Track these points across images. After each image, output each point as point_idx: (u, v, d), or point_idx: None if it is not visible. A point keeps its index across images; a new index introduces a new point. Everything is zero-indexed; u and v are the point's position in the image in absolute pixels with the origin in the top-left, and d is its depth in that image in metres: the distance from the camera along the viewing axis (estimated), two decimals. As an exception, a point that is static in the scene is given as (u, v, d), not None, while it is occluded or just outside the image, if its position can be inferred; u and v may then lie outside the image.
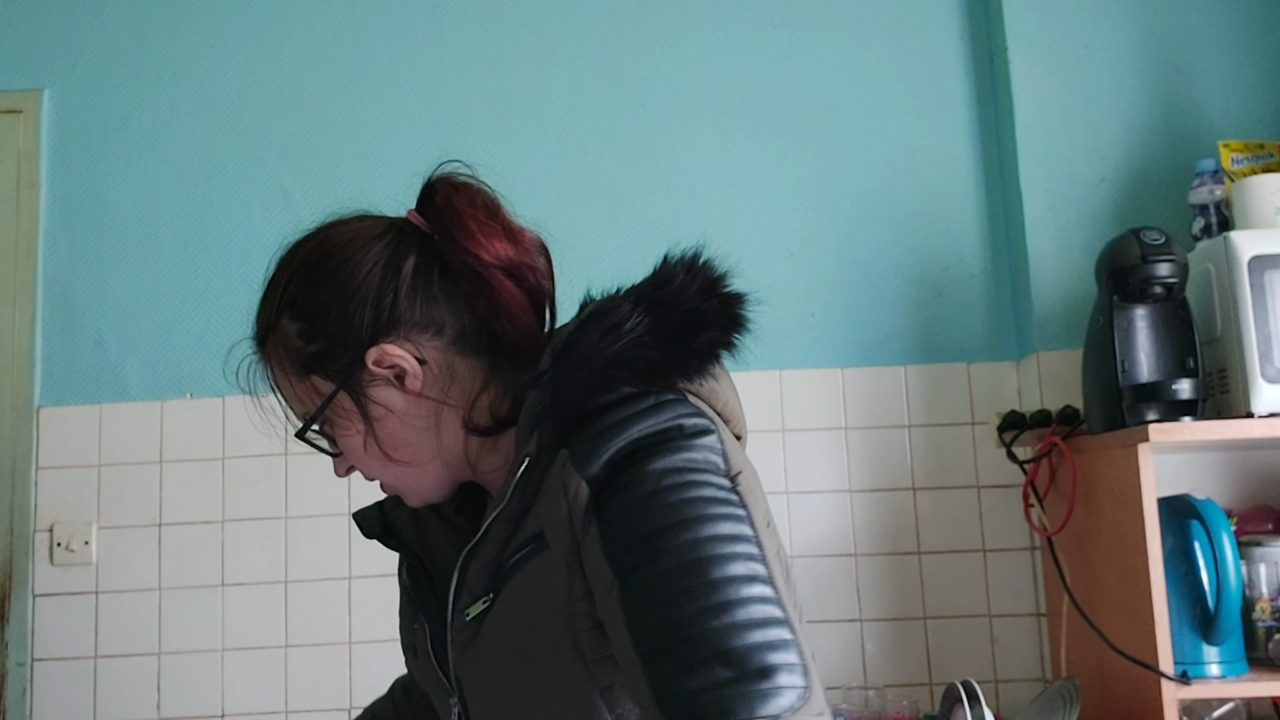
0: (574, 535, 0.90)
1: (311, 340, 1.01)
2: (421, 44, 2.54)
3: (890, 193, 2.46)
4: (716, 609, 0.81)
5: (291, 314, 1.02)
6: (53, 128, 2.52)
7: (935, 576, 2.34)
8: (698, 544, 0.84)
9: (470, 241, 1.01)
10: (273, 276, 1.05)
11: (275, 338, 1.03)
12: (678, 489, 0.87)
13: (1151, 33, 2.38)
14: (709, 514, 0.85)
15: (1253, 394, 1.88)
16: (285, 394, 1.06)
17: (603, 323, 0.95)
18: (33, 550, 2.37)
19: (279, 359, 1.03)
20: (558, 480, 0.92)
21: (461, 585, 1.01)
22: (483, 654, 0.98)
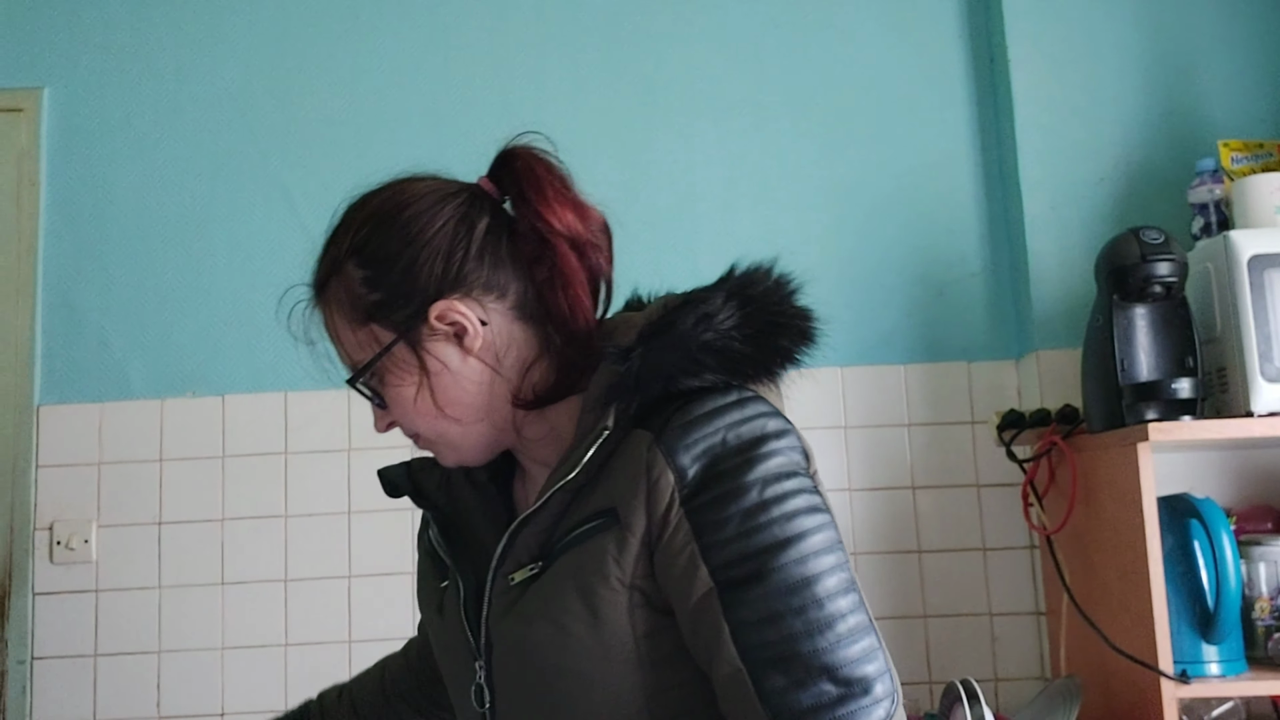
0: (652, 520, 0.93)
1: (375, 288, 1.03)
2: (423, 42, 2.54)
3: (891, 192, 2.46)
4: (822, 625, 0.88)
5: (358, 260, 1.04)
6: (53, 126, 2.52)
7: (935, 575, 2.34)
8: (802, 561, 0.90)
9: (544, 207, 1.03)
10: (340, 222, 1.08)
11: (338, 282, 1.05)
12: (777, 502, 0.91)
13: (1152, 32, 2.38)
14: (808, 528, 0.91)
15: (1252, 393, 1.88)
16: (340, 340, 1.07)
17: (697, 310, 0.97)
18: (33, 548, 2.37)
19: (339, 304, 1.05)
20: (638, 461, 0.94)
21: (508, 550, 1.01)
22: (527, 620, 0.99)
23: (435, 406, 1.03)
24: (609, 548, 0.94)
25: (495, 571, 1.02)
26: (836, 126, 2.49)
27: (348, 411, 2.39)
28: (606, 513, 0.95)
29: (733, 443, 0.93)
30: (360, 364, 1.05)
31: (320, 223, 2.68)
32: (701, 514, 0.92)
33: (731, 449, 0.93)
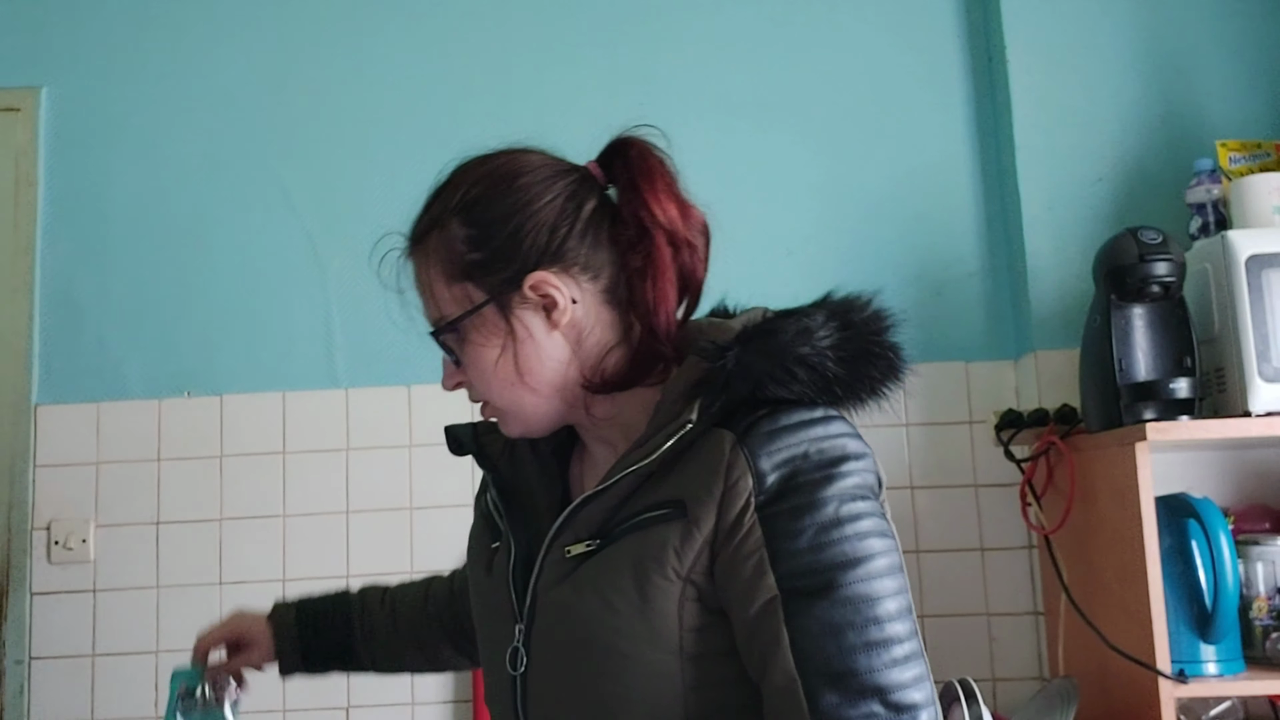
0: (722, 520, 0.95)
1: (477, 248, 1.06)
2: (422, 42, 2.54)
3: (889, 191, 2.46)
4: (880, 646, 0.91)
5: (464, 218, 1.08)
6: (51, 125, 2.52)
7: (933, 575, 2.34)
8: (869, 581, 0.92)
9: (651, 197, 1.06)
10: (450, 179, 1.12)
11: (439, 236, 1.08)
12: (851, 521, 0.94)
13: (1149, 32, 2.38)
14: (877, 550, 0.94)
15: (1250, 393, 1.88)
16: (430, 292, 1.09)
17: (799, 323, 0.99)
18: (30, 548, 2.37)
19: (437, 257, 1.08)
20: (718, 459, 0.96)
21: (568, 523, 1.04)
22: (577, 592, 1.01)
23: (515, 373, 1.05)
24: (672, 539, 0.96)
25: (551, 542, 1.05)
26: (834, 126, 2.49)
27: (345, 411, 2.39)
28: (675, 504, 0.97)
29: (815, 457, 0.96)
30: (446, 319, 1.07)
31: (319, 220, 2.71)
32: (776, 522, 0.94)
33: (813, 463, 0.95)
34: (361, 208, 2.49)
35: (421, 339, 1.17)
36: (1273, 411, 1.88)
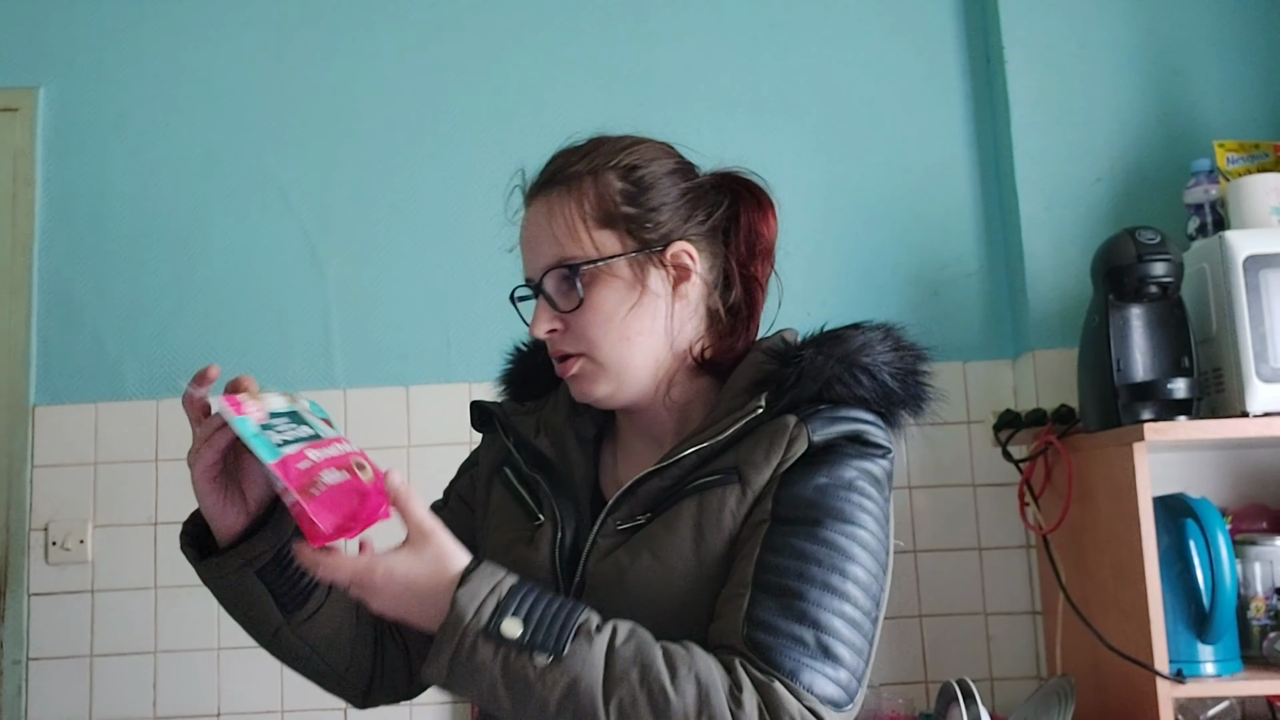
0: (773, 476, 1.06)
1: (632, 203, 1.14)
2: (419, 41, 2.54)
3: (887, 192, 2.46)
4: (834, 592, 0.99)
5: (622, 174, 1.15)
6: (49, 125, 2.52)
7: (931, 575, 2.34)
8: (851, 540, 1.02)
9: (769, 216, 1.21)
10: (607, 141, 1.18)
11: (594, 182, 1.14)
12: (860, 494, 1.05)
13: (1147, 33, 2.39)
14: (870, 529, 1.04)
15: (1248, 393, 1.88)
16: (567, 230, 1.13)
17: (864, 335, 1.12)
18: (28, 549, 2.37)
19: (584, 199, 1.14)
20: (780, 434, 1.06)
21: (623, 499, 1.11)
22: (633, 557, 1.07)
23: (631, 328, 1.12)
24: (729, 501, 1.06)
25: (606, 516, 1.11)
26: (833, 126, 2.49)
27: (344, 412, 2.38)
28: (729, 470, 1.07)
29: (856, 438, 1.07)
30: (577, 259, 1.12)
31: (317, 221, 2.70)
32: (800, 468, 1.05)
33: (854, 439, 1.07)
34: (359, 208, 2.48)
35: (418, 340, 1.18)
36: (1270, 412, 1.88)
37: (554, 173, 1.17)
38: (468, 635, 0.94)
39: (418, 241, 2.47)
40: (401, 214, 2.49)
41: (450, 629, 0.95)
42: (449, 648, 0.95)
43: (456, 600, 0.95)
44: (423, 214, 2.48)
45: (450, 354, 2.42)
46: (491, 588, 0.97)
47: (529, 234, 1.17)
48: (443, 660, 0.95)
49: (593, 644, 0.95)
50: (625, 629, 0.98)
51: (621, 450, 1.23)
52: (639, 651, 0.96)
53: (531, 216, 1.17)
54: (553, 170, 1.18)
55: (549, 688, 0.93)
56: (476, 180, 2.47)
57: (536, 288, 1.15)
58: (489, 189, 2.47)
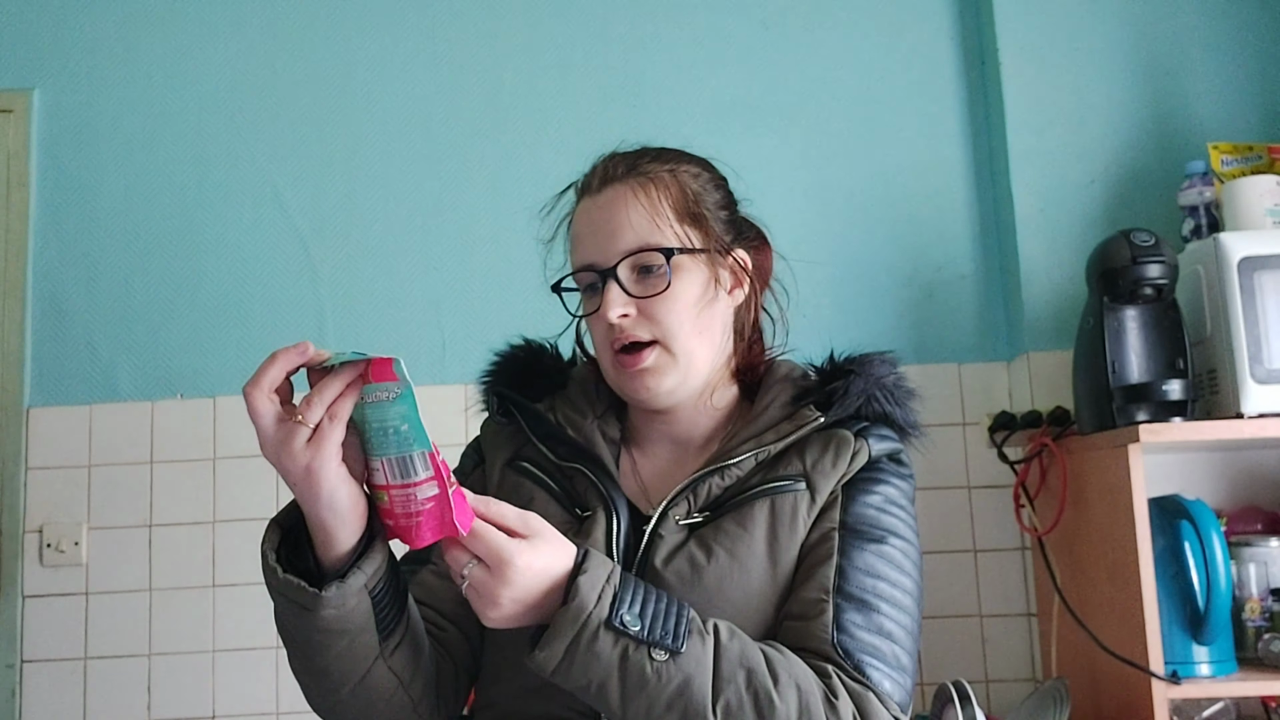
0: (838, 486, 1.15)
1: (708, 204, 1.20)
2: (414, 43, 2.54)
3: (881, 194, 2.46)
4: (900, 606, 1.10)
5: (694, 175, 1.22)
6: (43, 127, 2.51)
7: (926, 576, 2.31)
8: (907, 556, 1.15)
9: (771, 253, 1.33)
10: (664, 149, 1.24)
11: (673, 178, 1.19)
12: (905, 510, 1.18)
13: (1142, 35, 2.39)
14: (914, 539, 1.17)
15: (1242, 395, 1.89)
16: (652, 217, 1.16)
17: (883, 359, 1.24)
18: (22, 551, 2.36)
19: (672, 191, 1.18)
20: (844, 446, 1.16)
21: (682, 494, 1.15)
22: (706, 549, 1.10)
23: (703, 322, 1.17)
24: (801, 508, 1.13)
25: (667, 509, 1.14)
26: (827, 128, 2.49)
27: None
28: (799, 477, 1.14)
29: (899, 455, 1.21)
30: (652, 245, 1.15)
31: (310, 223, 2.69)
32: (858, 481, 1.15)
33: (898, 459, 1.20)
34: (353, 209, 2.48)
35: (413, 341, 1.17)
36: (1265, 413, 1.88)
37: (629, 167, 1.19)
38: (590, 624, 0.93)
39: (412, 243, 2.47)
40: (396, 215, 2.49)
41: (572, 616, 0.93)
42: (568, 634, 0.93)
43: (579, 587, 0.94)
44: (417, 215, 2.48)
45: (445, 355, 2.41)
46: (606, 576, 0.96)
47: (599, 219, 1.17)
48: (558, 646, 0.93)
49: (705, 643, 0.97)
50: (725, 628, 1.00)
51: (643, 453, 1.25)
52: (744, 654, 0.98)
53: (604, 204, 1.18)
54: (625, 165, 1.20)
55: (664, 684, 0.94)
56: (471, 182, 2.47)
57: (607, 273, 1.15)
58: (484, 191, 2.47)
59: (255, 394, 0.88)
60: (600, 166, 1.22)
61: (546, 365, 1.33)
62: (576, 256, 1.20)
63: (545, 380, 1.30)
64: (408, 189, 2.50)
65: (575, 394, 1.27)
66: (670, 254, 1.14)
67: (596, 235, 1.17)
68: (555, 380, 1.31)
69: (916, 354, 2.40)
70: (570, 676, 0.95)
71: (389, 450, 0.89)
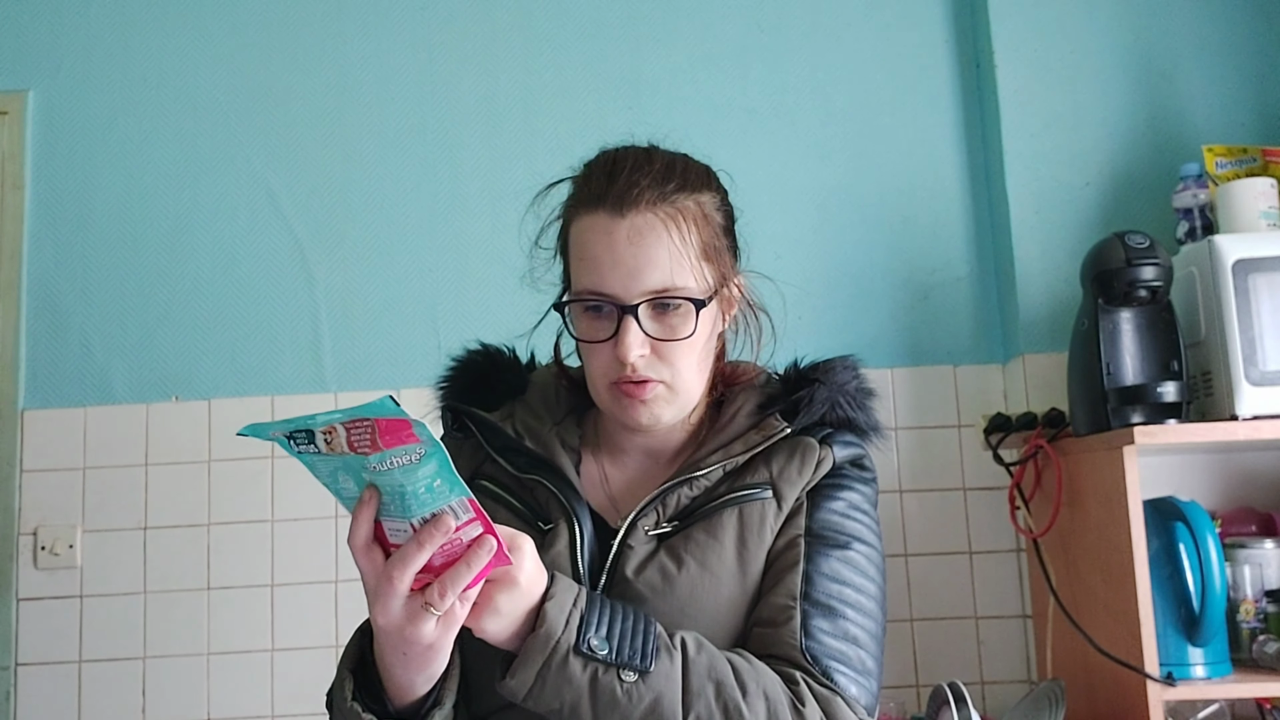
0: (804, 493, 1.16)
1: (725, 235, 1.19)
2: (409, 45, 2.54)
3: (877, 196, 2.46)
4: (865, 613, 1.10)
5: (717, 203, 1.19)
6: (38, 129, 2.51)
7: (922, 578, 2.34)
8: (871, 562, 1.14)
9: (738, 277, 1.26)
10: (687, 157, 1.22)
11: (697, 209, 1.14)
12: (869, 515, 1.18)
13: (1136, 38, 2.39)
14: (876, 543, 1.17)
15: (1237, 396, 1.89)
16: (672, 256, 1.11)
17: (846, 365, 1.24)
18: (16, 554, 2.36)
19: (693, 228, 1.13)
20: (809, 453, 1.16)
21: (651, 505, 1.14)
22: (677, 559, 1.10)
23: (705, 357, 1.17)
24: (769, 516, 1.13)
25: (635, 520, 1.13)
26: (823, 131, 2.49)
27: (334, 416, 2.38)
28: (766, 485, 1.15)
29: (863, 461, 1.21)
30: (681, 289, 1.11)
31: (306, 225, 2.69)
32: (822, 488, 1.16)
33: (862, 464, 1.20)
34: (348, 212, 2.48)
35: (408, 344, 1.17)
36: (1259, 415, 1.88)
37: (657, 195, 1.12)
38: (559, 649, 0.94)
39: (408, 245, 2.47)
40: (391, 218, 2.49)
41: (541, 642, 0.95)
42: (537, 661, 0.94)
43: (546, 613, 0.95)
44: (412, 218, 2.48)
45: (441, 358, 2.40)
46: (573, 600, 0.97)
47: (623, 251, 1.10)
48: (528, 673, 0.94)
49: (673, 659, 0.98)
50: (693, 641, 1.01)
51: (614, 462, 1.24)
52: (712, 666, 1.00)
53: (630, 233, 1.10)
54: (652, 192, 1.12)
55: (634, 704, 0.95)
56: (466, 184, 2.47)
57: (627, 309, 1.09)
58: (479, 192, 2.47)
59: (362, 553, 0.91)
60: (622, 181, 1.13)
61: (505, 370, 1.30)
62: (590, 279, 1.11)
63: (504, 386, 1.27)
64: (403, 192, 2.50)
65: (535, 400, 1.25)
66: (700, 305, 1.11)
67: (619, 267, 1.09)
68: (514, 385, 1.28)
69: (912, 356, 2.40)
70: (542, 701, 0.96)
71: (426, 509, 0.87)
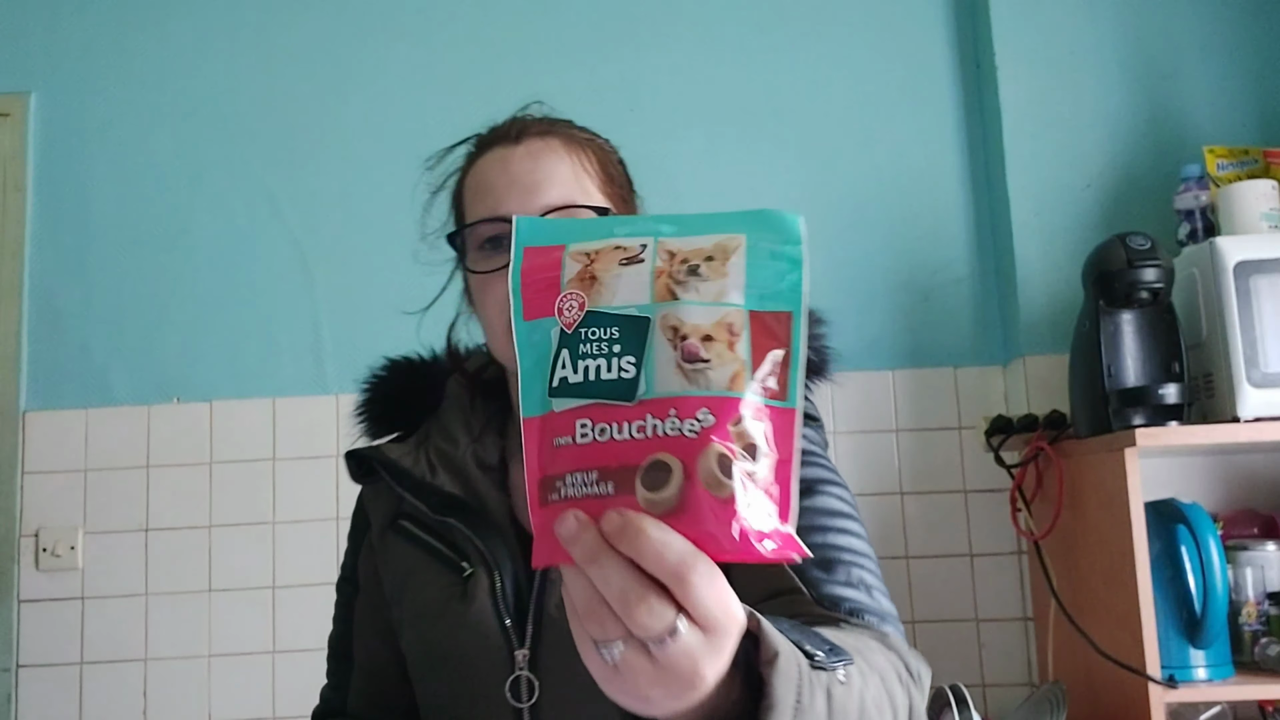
0: None
1: (623, 176, 1.14)
2: (408, 48, 2.54)
3: (877, 198, 2.46)
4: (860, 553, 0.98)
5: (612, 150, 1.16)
6: (39, 131, 2.51)
7: (923, 581, 2.34)
8: (840, 498, 1.02)
9: None
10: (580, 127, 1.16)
11: (593, 146, 1.12)
12: (823, 457, 1.07)
13: (1137, 39, 2.39)
14: (841, 478, 1.06)
15: (1238, 398, 1.89)
16: (573, 173, 1.07)
17: None
18: (18, 555, 2.36)
19: (591, 155, 1.10)
20: None
21: None
22: None
23: None
24: None
25: None
26: (823, 132, 2.49)
27: (335, 417, 2.38)
28: None
29: (809, 410, 1.08)
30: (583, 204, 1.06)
31: (305, 226, 2.69)
32: None
33: (808, 410, 1.08)
34: (347, 213, 2.48)
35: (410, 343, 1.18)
36: (1261, 417, 1.88)
37: (548, 125, 1.12)
38: (804, 673, 0.68)
39: (406, 247, 2.46)
40: (389, 219, 2.48)
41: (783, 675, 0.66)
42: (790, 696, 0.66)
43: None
44: (411, 219, 2.48)
45: (442, 360, 2.41)
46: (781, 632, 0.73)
47: (519, 169, 1.05)
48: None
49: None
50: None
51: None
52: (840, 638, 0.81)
53: (526, 154, 1.07)
54: (545, 123, 1.13)
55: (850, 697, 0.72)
56: (468, 186, 2.47)
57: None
58: (481, 195, 2.47)
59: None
60: (515, 120, 1.14)
61: (420, 385, 1.21)
62: (483, 206, 1.06)
63: (419, 405, 1.18)
64: (402, 193, 2.49)
65: (450, 416, 1.15)
66: (605, 213, 1.04)
67: (515, 185, 1.04)
68: (430, 400, 1.18)
69: (912, 358, 2.40)
70: None
71: None
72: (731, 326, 0.61)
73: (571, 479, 0.58)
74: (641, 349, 0.59)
